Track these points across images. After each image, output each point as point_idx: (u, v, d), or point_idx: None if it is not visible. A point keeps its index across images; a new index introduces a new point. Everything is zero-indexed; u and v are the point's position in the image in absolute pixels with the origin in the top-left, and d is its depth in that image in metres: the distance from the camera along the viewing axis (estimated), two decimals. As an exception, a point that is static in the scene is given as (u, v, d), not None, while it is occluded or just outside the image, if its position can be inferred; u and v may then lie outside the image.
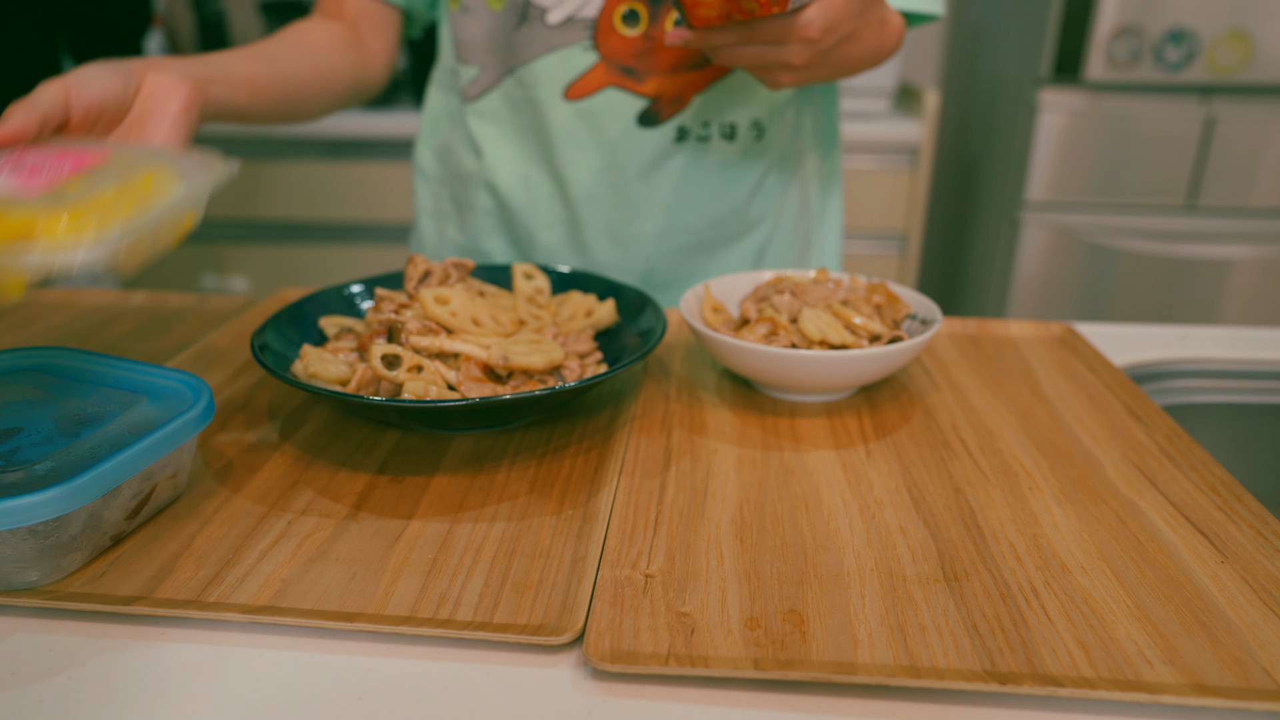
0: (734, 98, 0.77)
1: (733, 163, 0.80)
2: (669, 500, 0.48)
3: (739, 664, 0.35)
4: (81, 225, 0.41)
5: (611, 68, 0.74)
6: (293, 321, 0.60)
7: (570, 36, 0.74)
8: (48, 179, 0.44)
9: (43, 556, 0.39)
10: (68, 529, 0.39)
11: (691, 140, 0.78)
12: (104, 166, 0.46)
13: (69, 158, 0.47)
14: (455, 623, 0.38)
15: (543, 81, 0.76)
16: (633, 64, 0.74)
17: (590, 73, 0.75)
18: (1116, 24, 1.66)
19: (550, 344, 0.57)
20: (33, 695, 0.35)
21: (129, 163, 0.47)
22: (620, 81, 0.75)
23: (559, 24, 0.74)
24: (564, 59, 0.75)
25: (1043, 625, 0.38)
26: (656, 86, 0.75)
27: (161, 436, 0.42)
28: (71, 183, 0.44)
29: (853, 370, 0.56)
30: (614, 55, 0.74)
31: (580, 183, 0.78)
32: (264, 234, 1.98)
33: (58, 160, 0.46)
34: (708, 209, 0.80)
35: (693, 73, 0.75)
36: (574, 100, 0.76)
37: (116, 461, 0.40)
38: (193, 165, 0.49)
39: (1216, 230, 1.78)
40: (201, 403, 0.45)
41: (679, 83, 0.75)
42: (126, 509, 0.43)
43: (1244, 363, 0.71)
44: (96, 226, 0.41)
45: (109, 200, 0.43)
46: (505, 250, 0.84)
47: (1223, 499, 0.48)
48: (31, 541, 0.38)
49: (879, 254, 1.93)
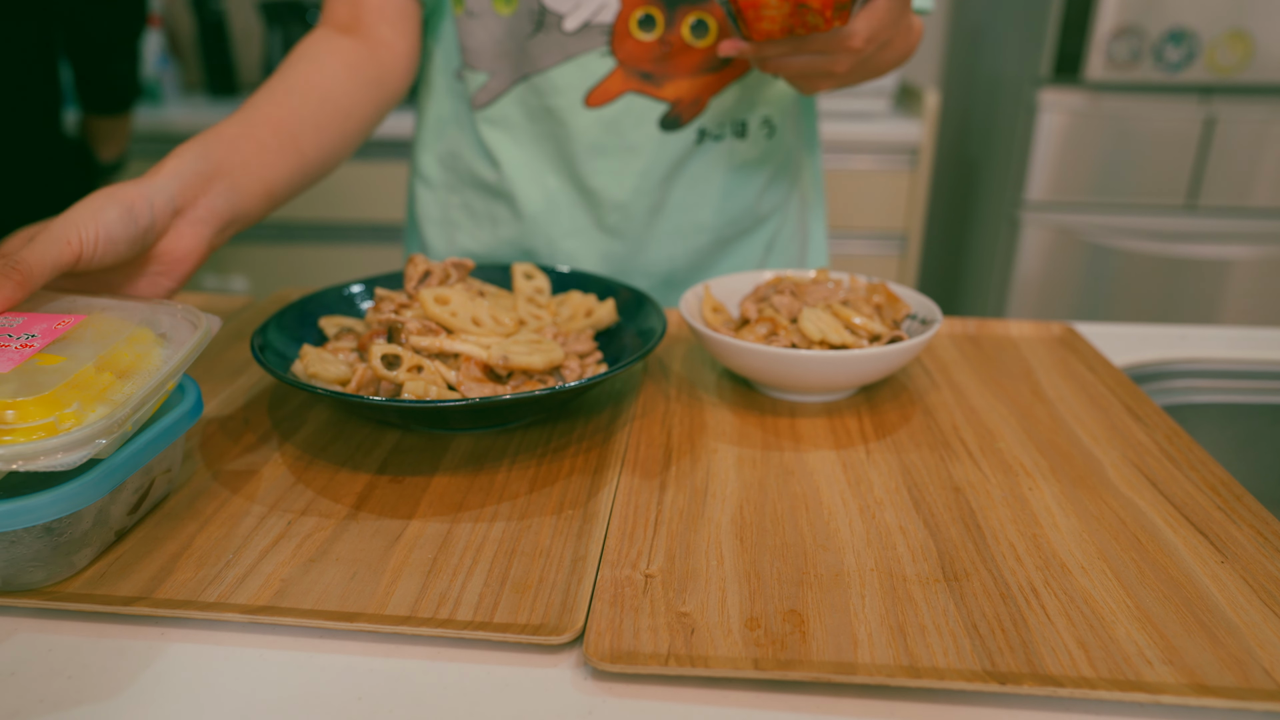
0: (745, 97, 0.78)
1: (746, 161, 0.80)
2: (669, 500, 0.48)
3: (739, 664, 0.35)
4: (59, 413, 0.37)
5: (630, 73, 0.74)
6: (293, 321, 0.60)
7: (587, 43, 0.73)
8: (18, 352, 0.40)
9: (55, 554, 0.39)
10: (80, 525, 0.39)
11: (709, 141, 0.78)
12: (79, 331, 0.43)
13: (38, 324, 0.43)
14: (455, 622, 0.38)
15: (561, 89, 0.75)
16: (650, 69, 0.74)
17: (609, 79, 0.74)
18: (1116, 24, 1.66)
19: (550, 344, 0.57)
20: (33, 695, 0.35)
21: (106, 329, 0.43)
22: (639, 87, 0.75)
23: (576, 30, 0.73)
24: (582, 66, 0.74)
25: (1043, 625, 0.38)
26: (675, 91, 0.75)
27: (162, 430, 0.43)
28: (46, 357, 0.40)
29: (853, 370, 0.56)
30: (631, 60, 0.74)
31: (606, 190, 0.78)
32: (264, 234, 1.98)
33: (27, 326, 0.42)
34: (725, 206, 0.81)
35: (709, 76, 0.75)
36: (595, 107, 0.75)
37: (124, 456, 0.40)
38: (173, 324, 0.46)
39: (1216, 230, 1.79)
40: (192, 396, 0.46)
41: (696, 86, 0.75)
42: (129, 504, 0.43)
43: (1244, 363, 0.71)
44: (75, 417, 0.37)
45: (88, 380, 0.39)
46: (522, 260, 0.83)
47: (1223, 499, 0.48)
48: (46, 539, 0.38)
49: (879, 254, 1.93)
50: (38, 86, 1.15)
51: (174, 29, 2.24)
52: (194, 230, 0.55)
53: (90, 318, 0.44)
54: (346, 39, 0.72)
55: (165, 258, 0.54)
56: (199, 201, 0.56)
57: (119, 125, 1.28)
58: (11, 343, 0.41)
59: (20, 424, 0.36)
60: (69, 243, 0.47)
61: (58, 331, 0.42)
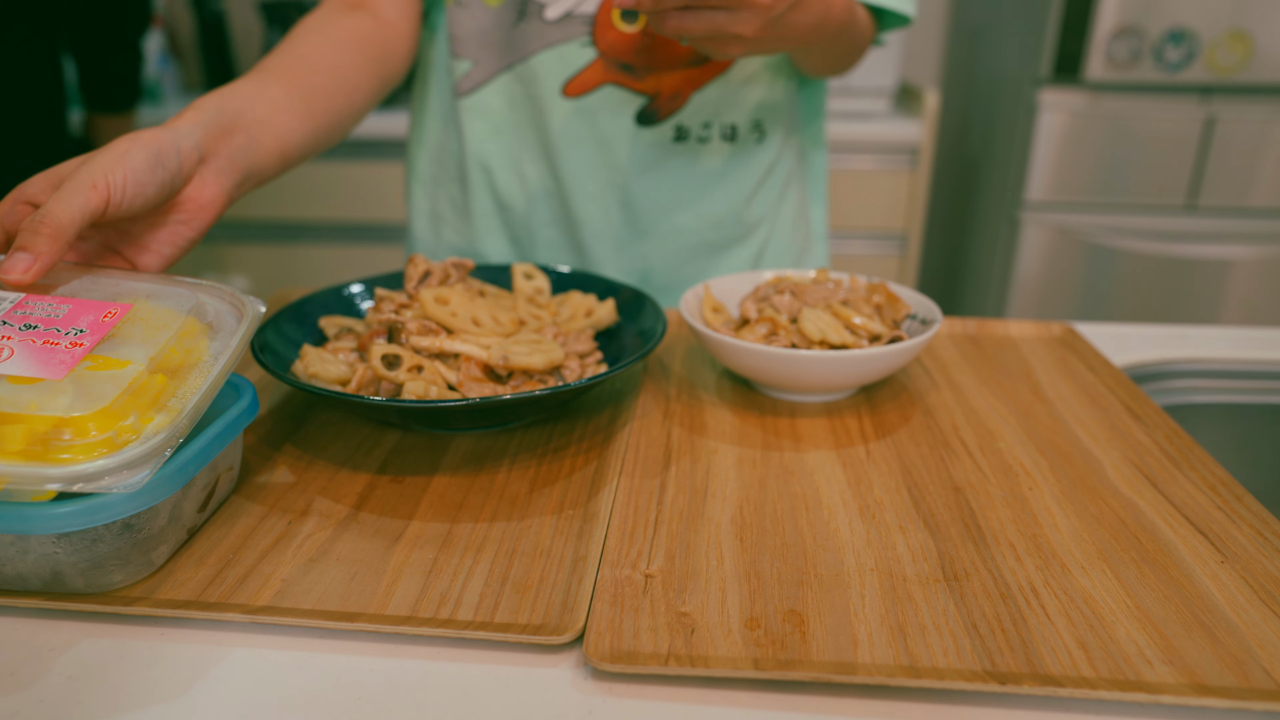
0: (735, 97, 0.77)
1: (733, 164, 0.79)
2: (669, 500, 0.48)
3: (739, 664, 0.35)
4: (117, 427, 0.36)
5: (610, 64, 0.74)
6: (293, 321, 0.60)
7: (569, 32, 0.74)
8: (69, 353, 0.39)
9: (135, 551, 0.39)
10: (156, 521, 0.40)
11: (692, 141, 0.77)
12: (126, 326, 0.42)
13: (84, 315, 0.41)
14: (455, 622, 0.38)
15: (541, 78, 0.75)
16: (631, 60, 0.74)
17: (589, 69, 0.74)
18: (1116, 24, 1.66)
19: (550, 344, 0.57)
20: (33, 695, 0.35)
21: (154, 321, 0.42)
22: (619, 78, 0.74)
23: (557, 19, 0.73)
24: (562, 55, 0.74)
25: (1043, 625, 0.38)
26: (655, 83, 0.75)
27: (225, 426, 0.43)
28: (98, 360, 0.39)
29: (853, 370, 0.56)
30: (612, 51, 0.74)
31: (578, 180, 0.78)
32: (264, 234, 1.98)
33: (74, 317, 0.41)
34: (707, 211, 0.80)
35: (691, 69, 0.75)
36: (572, 97, 0.75)
37: (193, 450, 0.40)
38: (218, 309, 0.45)
39: (1216, 230, 1.78)
40: (247, 394, 0.46)
41: (677, 80, 0.75)
42: (199, 501, 0.44)
43: (1244, 363, 0.71)
44: (133, 430, 0.37)
45: (143, 387, 0.38)
46: (504, 251, 0.84)
47: (1223, 499, 0.48)
48: (126, 536, 0.39)
49: (879, 254, 1.93)
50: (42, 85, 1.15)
51: (174, 29, 2.24)
52: (216, 180, 0.54)
53: (136, 307, 0.43)
54: (352, 16, 0.73)
55: (189, 205, 0.53)
56: (220, 151, 0.55)
57: (123, 124, 1.28)
58: (61, 339, 0.40)
59: (79, 440, 0.36)
60: (95, 188, 0.44)
61: (106, 326, 0.41)
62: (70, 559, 0.38)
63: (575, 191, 0.78)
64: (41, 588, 0.39)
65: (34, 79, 1.14)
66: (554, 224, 0.81)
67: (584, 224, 0.80)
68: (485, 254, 0.85)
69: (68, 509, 0.36)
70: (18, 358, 0.39)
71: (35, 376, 0.38)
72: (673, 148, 0.77)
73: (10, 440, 0.35)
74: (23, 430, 0.36)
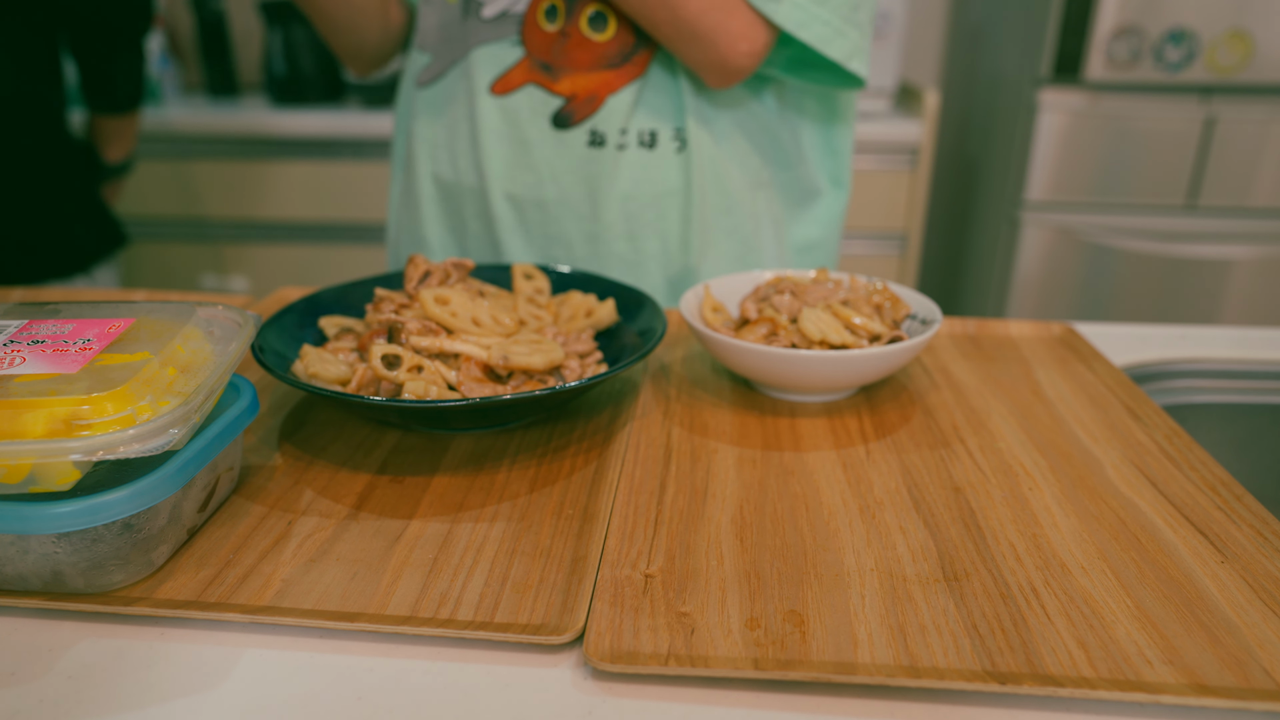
0: (655, 104, 0.75)
1: (655, 176, 0.77)
2: (669, 500, 0.48)
3: (739, 664, 0.35)
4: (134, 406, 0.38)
5: (533, 64, 0.75)
6: (293, 321, 0.60)
7: (501, 31, 0.75)
8: (80, 354, 0.41)
9: (135, 551, 0.39)
10: (156, 521, 0.40)
11: (610, 148, 0.76)
12: (133, 333, 0.43)
13: (89, 329, 0.43)
14: (456, 622, 0.38)
15: (475, 75, 0.77)
16: (549, 60, 0.74)
17: (515, 68, 0.75)
18: (1116, 24, 1.66)
19: (550, 344, 0.57)
20: (33, 695, 0.35)
21: (158, 329, 0.44)
22: (539, 79, 0.75)
23: (493, 18, 0.74)
24: (494, 53, 0.75)
25: (1043, 625, 0.38)
26: (570, 85, 0.75)
27: (225, 426, 0.43)
28: (108, 356, 0.41)
29: (853, 370, 0.56)
30: (536, 51, 0.74)
31: (496, 178, 0.78)
32: (264, 234, 1.98)
33: (79, 332, 0.43)
34: (634, 230, 0.78)
35: (607, 72, 0.74)
36: (498, 95, 0.76)
37: (194, 450, 0.41)
38: (218, 322, 0.47)
39: (1216, 230, 1.79)
40: (247, 394, 0.46)
41: (593, 82, 0.74)
42: (199, 500, 0.44)
43: (1244, 363, 0.71)
44: (150, 409, 0.38)
45: (155, 375, 0.40)
46: (442, 238, 0.85)
47: (1223, 499, 0.48)
48: (126, 536, 0.39)
49: (879, 254, 1.93)
50: (42, 86, 1.15)
51: (174, 29, 2.24)
52: None
53: (139, 320, 0.45)
54: None
55: None
56: None
57: (125, 125, 1.28)
58: (70, 347, 0.42)
59: (97, 418, 0.37)
60: None
61: (111, 335, 0.43)
62: (70, 559, 0.38)
63: (494, 189, 0.79)
64: (41, 588, 0.39)
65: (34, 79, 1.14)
66: (479, 218, 0.82)
67: (500, 221, 0.80)
68: (426, 239, 0.85)
69: (68, 509, 0.36)
70: (31, 362, 0.40)
71: (51, 372, 0.39)
72: (590, 155, 0.76)
73: (32, 425, 0.37)
74: (44, 415, 0.37)
